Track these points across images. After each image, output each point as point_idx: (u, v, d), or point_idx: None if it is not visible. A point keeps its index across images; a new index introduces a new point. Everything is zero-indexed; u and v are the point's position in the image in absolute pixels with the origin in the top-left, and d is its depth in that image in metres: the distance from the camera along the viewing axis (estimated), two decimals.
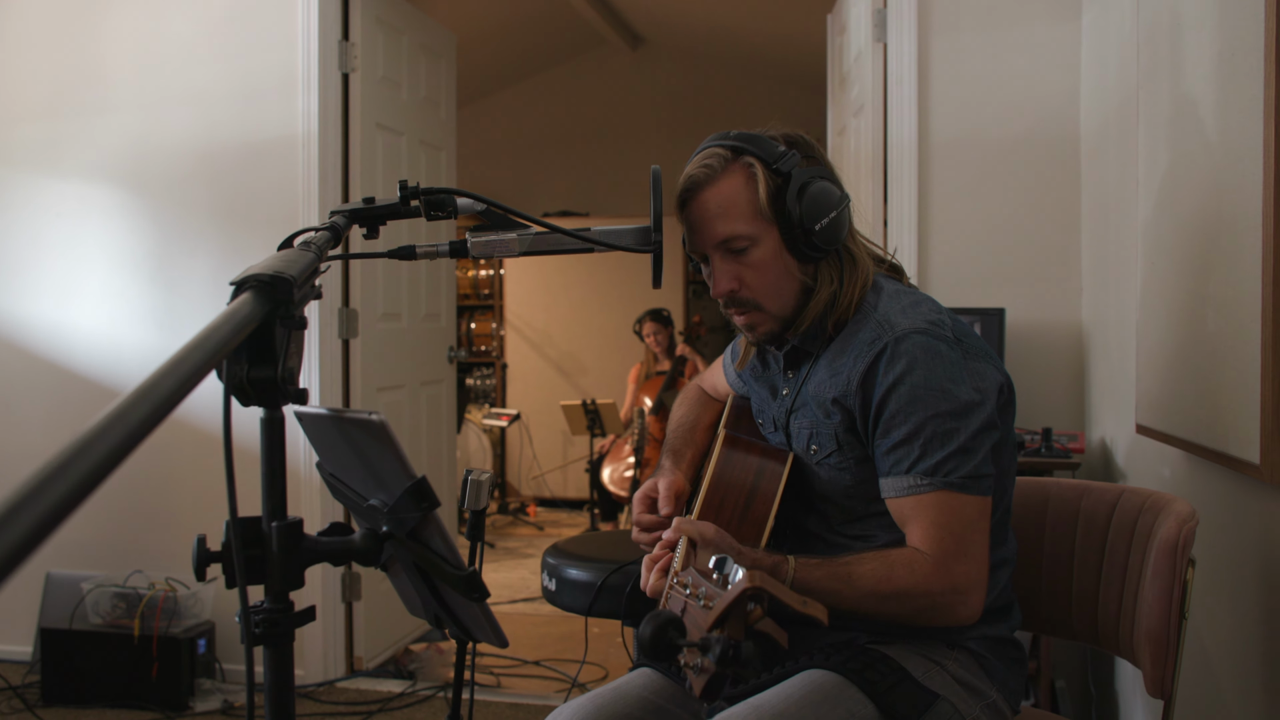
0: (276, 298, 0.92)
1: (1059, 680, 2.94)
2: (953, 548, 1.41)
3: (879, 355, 1.47)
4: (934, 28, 3.20)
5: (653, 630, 0.84)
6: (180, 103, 3.68)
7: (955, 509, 1.42)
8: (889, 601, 1.41)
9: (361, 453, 1.14)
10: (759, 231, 1.51)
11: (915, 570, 1.41)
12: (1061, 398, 3.12)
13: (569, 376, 7.54)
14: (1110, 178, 2.74)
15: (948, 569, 1.41)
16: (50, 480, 0.56)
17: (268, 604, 1.00)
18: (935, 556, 1.41)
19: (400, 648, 4.01)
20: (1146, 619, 1.55)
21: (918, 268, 3.20)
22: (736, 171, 1.51)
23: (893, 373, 1.45)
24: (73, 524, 2.46)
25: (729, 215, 1.50)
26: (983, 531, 1.45)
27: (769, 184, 1.49)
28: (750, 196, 1.50)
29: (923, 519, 1.43)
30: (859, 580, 1.40)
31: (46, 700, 3.42)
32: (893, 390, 1.45)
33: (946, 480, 1.42)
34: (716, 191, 1.51)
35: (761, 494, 1.56)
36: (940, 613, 1.43)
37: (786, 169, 1.50)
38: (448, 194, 1.37)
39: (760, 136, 1.53)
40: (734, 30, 6.47)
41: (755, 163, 1.50)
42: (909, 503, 1.45)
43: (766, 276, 1.53)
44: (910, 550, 1.43)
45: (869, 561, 1.43)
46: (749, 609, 0.84)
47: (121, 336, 3.75)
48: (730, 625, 0.84)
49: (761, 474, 1.58)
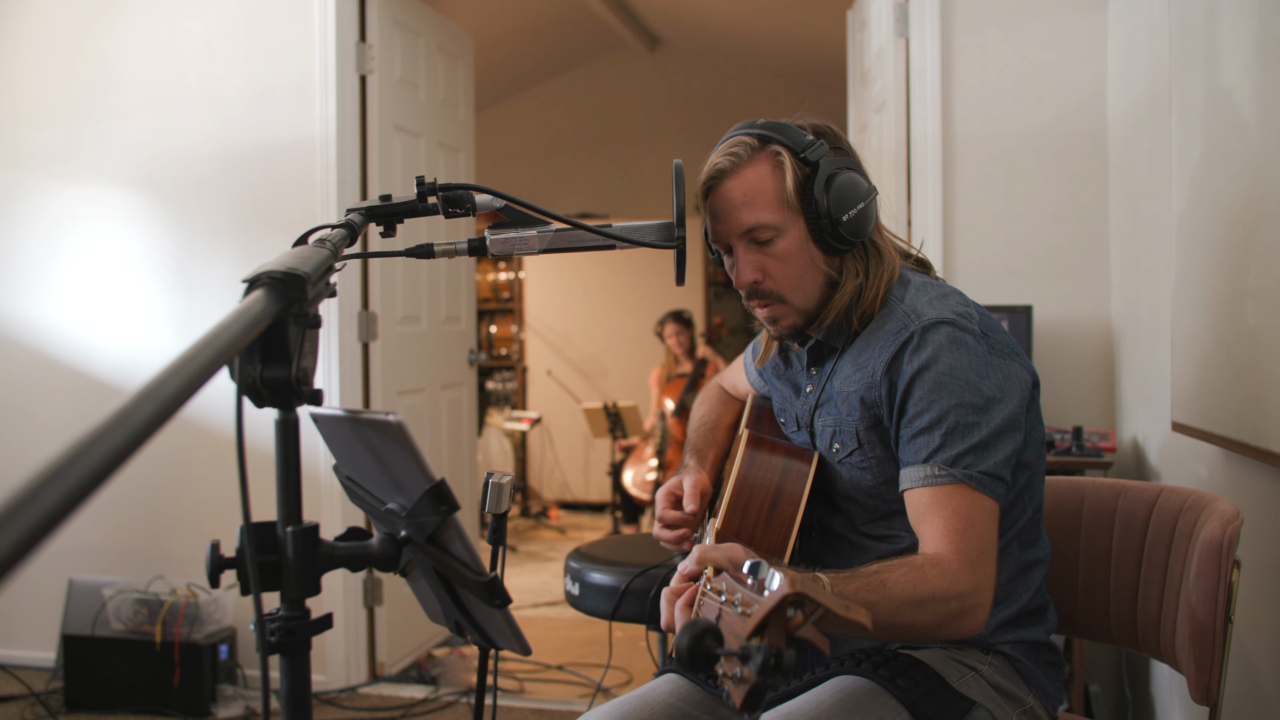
0: (290, 295, 0.89)
1: (1093, 685, 2.88)
2: (976, 546, 1.36)
3: (905, 344, 1.43)
4: (957, 21, 3.16)
5: (690, 639, 0.80)
6: (197, 106, 3.68)
7: (974, 505, 1.37)
8: (924, 606, 1.33)
9: (379, 455, 1.11)
10: (785, 221, 1.47)
11: (945, 571, 1.34)
12: (1091, 396, 3.07)
13: (590, 379, 7.52)
14: (1140, 170, 2.68)
15: (973, 567, 1.34)
16: (49, 481, 0.53)
17: (283, 611, 0.96)
18: (961, 554, 1.34)
19: (423, 653, 3.99)
20: (1190, 622, 1.50)
21: (943, 266, 3.15)
22: (763, 160, 1.47)
23: (918, 360, 1.41)
24: (94, 530, 2.46)
25: (754, 204, 1.47)
26: (994, 536, 1.39)
27: (796, 173, 1.46)
28: (777, 185, 1.46)
29: (941, 513, 1.37)
30: (893, 588, 1.34)
31: (70, 707, 3.41)
32: (917, 378, 1.41)
33: (966, 474, 1.37)
34: (742, 180, 1.47)
35: (787, 495, 1.52)
36: (966, 618, 1.35)
37: (814, 158, 1.46)
38: (466, 190, 1.35)
39: (788, 125, 1.49)
40: (752, 29, 6.43)
41: (783, 151, 1.46)
42: (926, 494, 1.39)
43: (791, 268, 1.49)
44: (931, 553, 1.37)
45: (898, 568, 1.36)
46: (789, 615, 0.80)
47: (139, 340, 3.74)
48: (771, 633, 0.80)
49: (787, 474, 1.54)
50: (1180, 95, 2.17)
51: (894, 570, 1.36)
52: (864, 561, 1.52)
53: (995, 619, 1.48)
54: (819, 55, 6.05)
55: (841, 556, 1.57)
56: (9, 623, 3.79)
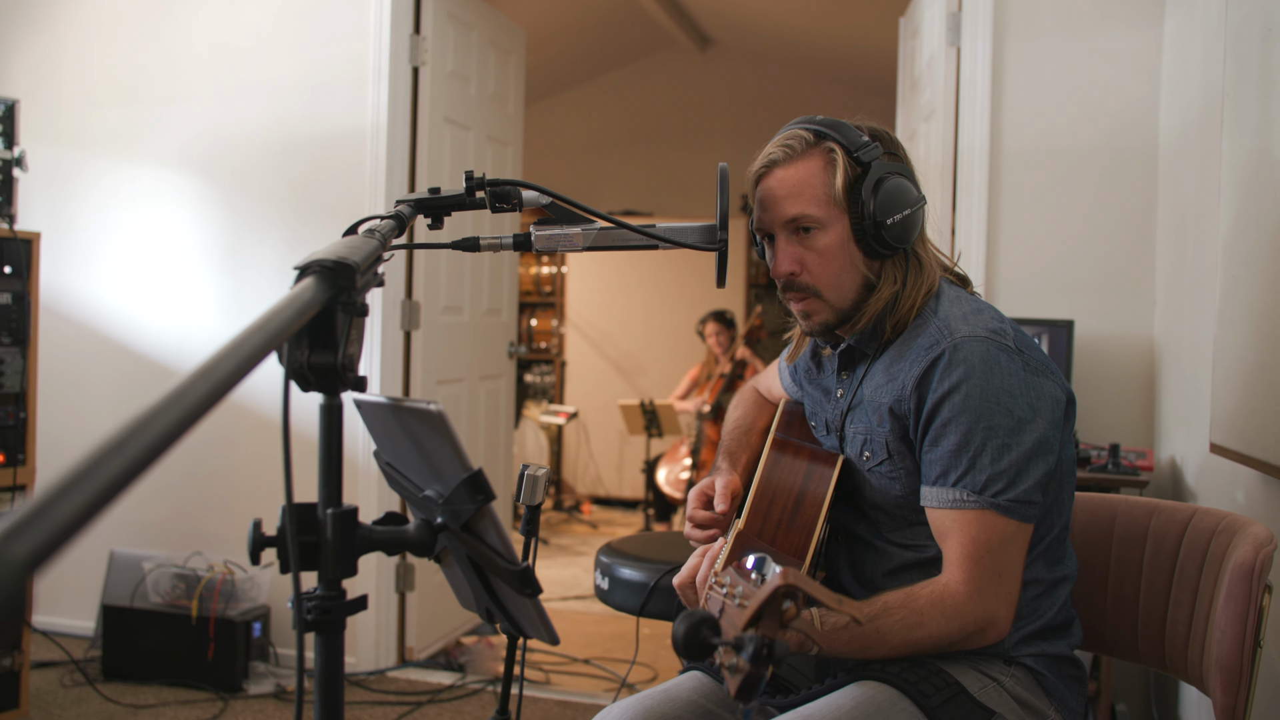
0: (339, 283, 0.91)
1: (1120, 703, 2.86)
2: (991, 571, 1.38)
3: (936, 360, 1.43)
4: (1009, 32, 3.14)
5: (686, 628, 0.82)
6: (253, 92, 3.74)
7: (998, 532, 1.39)
8: (921, 646, 1.39)
9: (419, 443, 1.13)
10: (829, 217, 1.48)
11: (945, 610, 1.37)
12: (1130, 414, 3.04)
13: (628, 376, 7.54)
14: (1189, 187, 2.66)
15: (982, 596, 1.38)
16: (109, 454, 0.56)
17: (320, 591, 0.99)
18: (970, 583, 1.38)
19: (451, 640, 4.03)
20: (1218, 645, 1.49)
21: (985, 277, 3.14)
22: (816, 155, 1.49)
23: (949, 379, 1.41)
24: (136, 504, 2.51)
25: (801, 196, 1.49)
26: (1021, 554, 1.41)
27: (847, 172, 1.47)
28: (826, 181, 1.48)
29: (962, 537, 1.39)
30: (887, 634, 1.37)
31: (107, 675, 3.48)
32: (947, 397, 1.41)
33: (994, 502, 1.38)
34: (793, 171, 1.49)
35: (810, 497, 1.52)
36: (972, 640, 1.40)
37: (867, 160, 1.48)
38: (513, 185, 1.37)
39: (846, 125, 1.51)
40: (803, 33, 6.42)
41: (836, 149, 1.48)
42: (951, 516, 1.41)
43: (830, 265, 1.50)
44: (939, 587, 1.39)
45: (897, 612, 1.38)
46: (784, 607, 0.82)
47: (187, 320, 3.81)
48: (765, 624, 0.82)
49: (810, 477, 1.54)
50: (1233, 114, 2.15)
51: (893, 615, 1.38)
52: (887, 568, 1.53)
53: (1018, 633, 1.48)
54: (869, 61, 6.03)
55: (865, 562, 1.58)
56: (53, 591, 3.88)
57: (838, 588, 1.58)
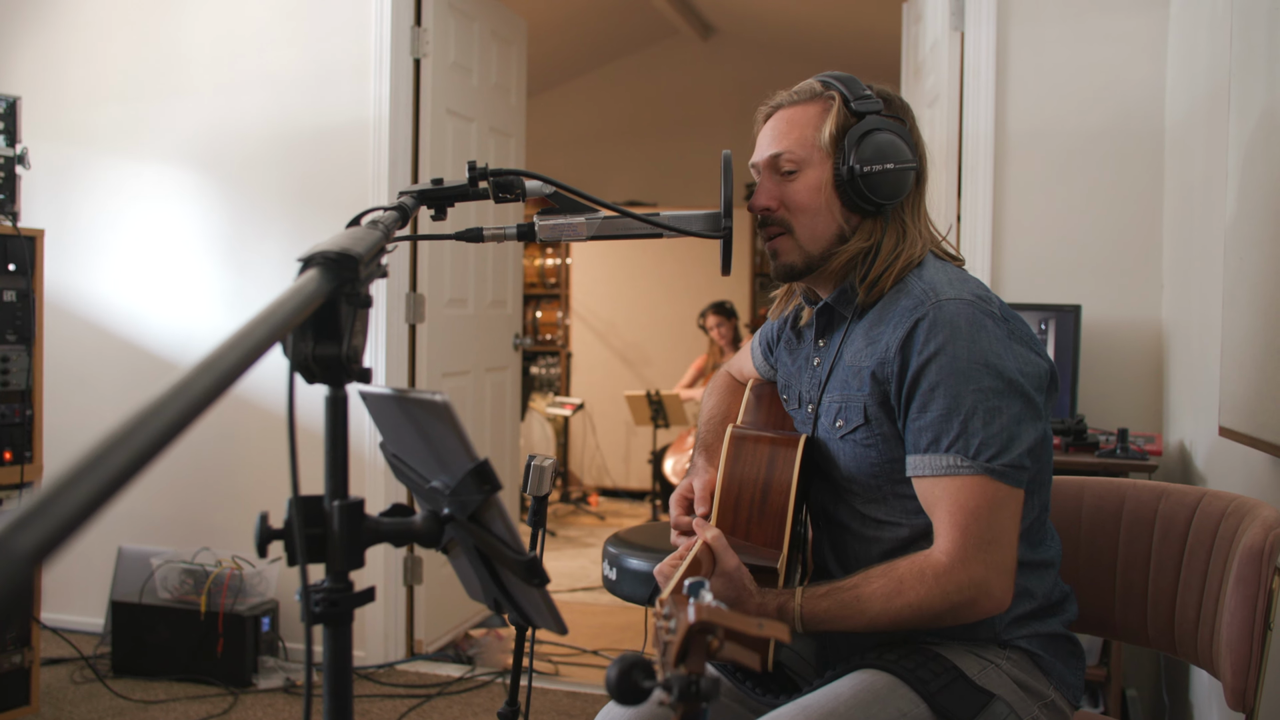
0: (342, 275, 0.91)
1: (1130, 689, 2.86)
2: (978, 538, 1.35)
3: (919, 321, 1.40)
4: (1013, 16, 3.13)
5: (618, 674, 0.81)
6: (255, 86, 3.73)
7: (987, 497, 1.35)
8: (902, 616, 1.36)
9: (425, 434, 1.13)
10: (812, 159, 1.50)
11: (925, 577, 1.35)
12: (1139, 398, 3.03)
13: (634, 367, 7.54)
14: (1196, 170, 2.65)
15: (967, 563, 1.34)
16: (115, 446, 0.56)
17: (328, 583, 0.99)
18: (955, 550, 1.34)
19: (460, 632, 4.04)
20: (1227, 628, 1.49)
21: (991, 262, 3.13)
22: (817, 102, 1.53)
23: (934, 341, 1.38)
24: (144, 500, 2.52)
25: (788, 136, 1.52)
26: (1013, 521, 1.38)
27: (840, 119, 1.49)
28: (816, 124, 1.51)
29: (950, 505, 1.36)
30: (868, 602, 1.36)
31: (116, 671, 3.49)
32: (932, 360, 1.38)
33: (988, 466, 1.35)
34: (790, 114, 1.54)
35: (776, 484, 1.48)
36: (962, 612, 1.37)
37: (863, 110, 1.49)
38: (516, 175, 1.36)
39: (855, 79, 1.54)
40: (806, 20, 6.39)
41: (836, 98, 1.51)
42: (943, 484, 1.37)
43: (806, 206, 1.51)
44: (920, 558, 1.37)
45: (877, 579, 1.37)
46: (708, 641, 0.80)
47: (191, 315, 3.82)
48: (690, 660, 0.80)
49: (773, 464, 1.50)
50: (1239, 97, 2.13)
51: (873, 582, 1.37)
52: (868, 555, 1.51)
53: (1009, 616, 1.46)
54: (873, 48, 6.01)
55: (846, 550, 1.56)
56: (62, 588, 3.88)
57: (825, 577, 1.55)
